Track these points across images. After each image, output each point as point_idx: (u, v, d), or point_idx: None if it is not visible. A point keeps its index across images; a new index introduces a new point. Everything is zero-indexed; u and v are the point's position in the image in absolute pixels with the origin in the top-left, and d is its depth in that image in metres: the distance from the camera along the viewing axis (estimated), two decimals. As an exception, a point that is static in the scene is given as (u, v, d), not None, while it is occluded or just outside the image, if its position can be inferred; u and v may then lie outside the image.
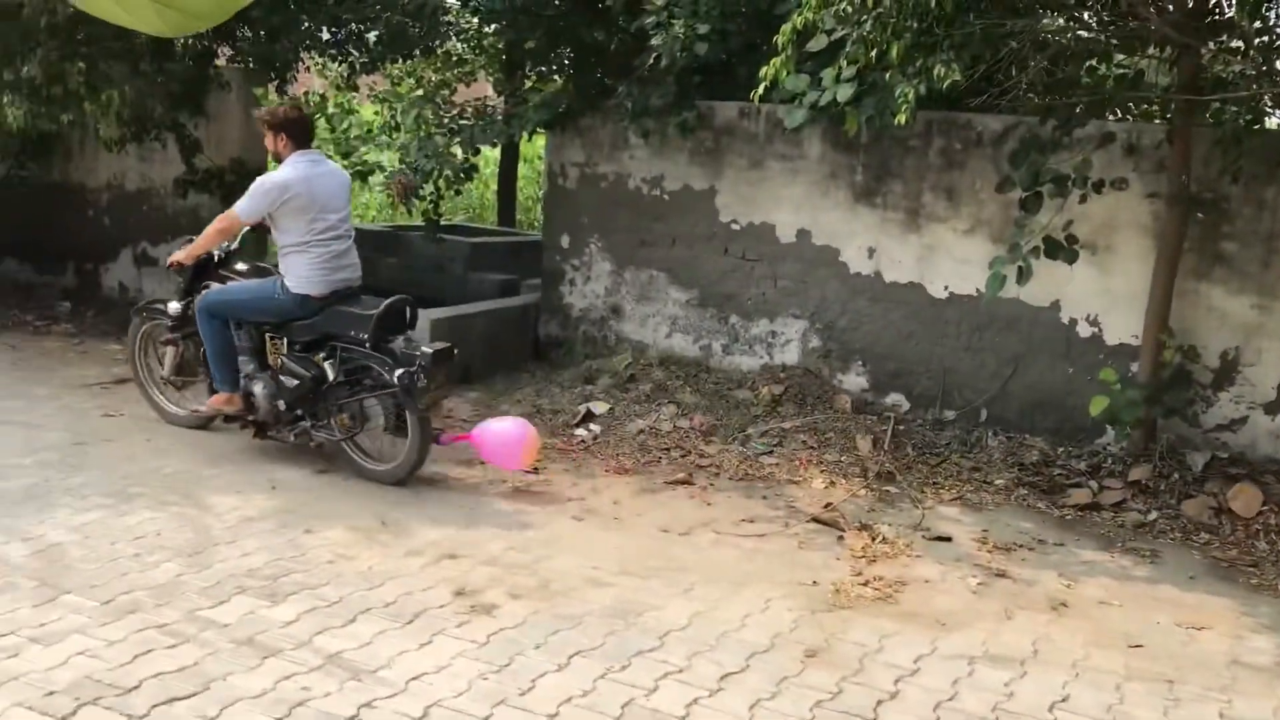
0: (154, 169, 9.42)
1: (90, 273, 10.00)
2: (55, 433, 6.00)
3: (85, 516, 4.80)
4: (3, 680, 3.39)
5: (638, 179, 7.64)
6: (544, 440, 6.34)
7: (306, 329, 5.75)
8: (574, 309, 8.02)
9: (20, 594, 4.01)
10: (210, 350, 5.86)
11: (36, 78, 6.86)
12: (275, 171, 5.78)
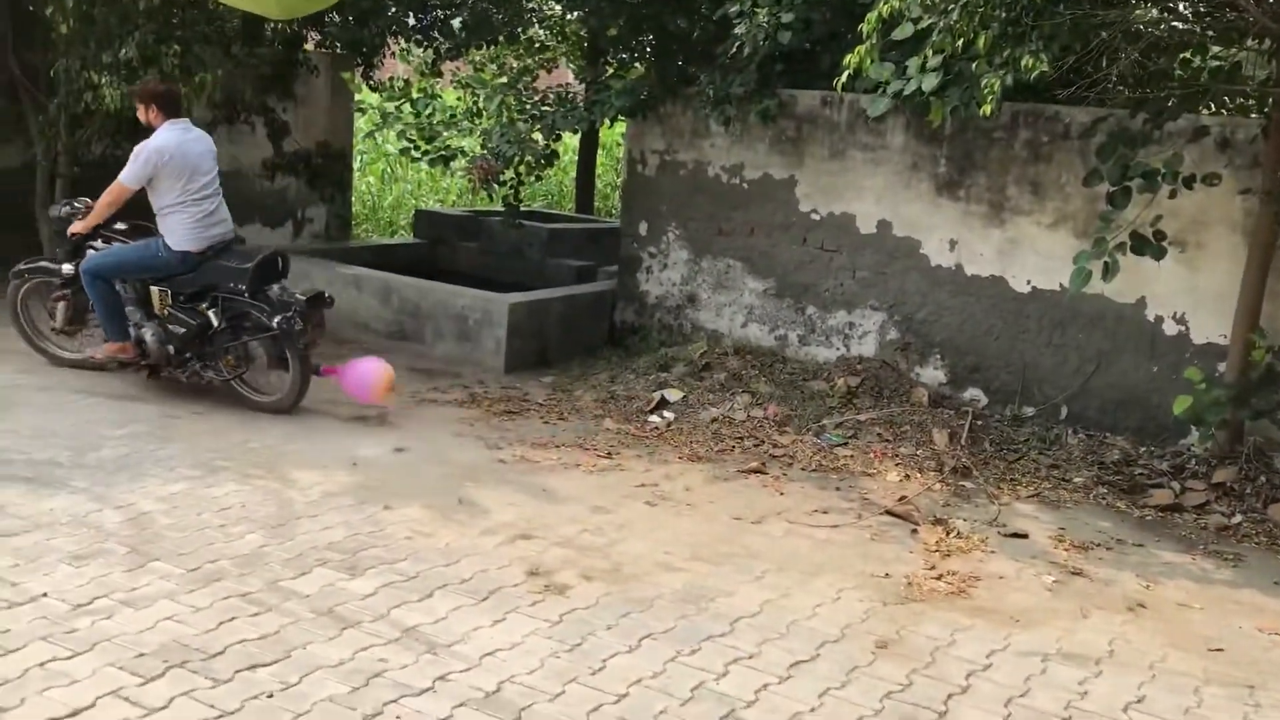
0: (243, 151, 9.63)
1: (180, 251, 10.25)
2: (147, 406, 6.18)
3: (174, 487, 4.95)
4: (97, 641, 3.52)
5: (717, 167, 7.64)
6: (618, 426, 6.41)
7: (188, 282, 6.34)
8: (650, 296, 8.05)
9: (113, 560, 4.16)
10: (100, 308, 6.39)
11: (133, 60, 7.06)
12: (151, 139, 6.30)
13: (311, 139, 9.16)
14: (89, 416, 5.89)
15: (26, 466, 5.06)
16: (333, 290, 8.10)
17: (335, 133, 9.39)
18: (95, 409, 6.04)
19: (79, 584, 3.92)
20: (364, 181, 14.78)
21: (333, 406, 6.44)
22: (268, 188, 9.47)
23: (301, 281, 8.29)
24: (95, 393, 6.34)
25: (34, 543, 4.24)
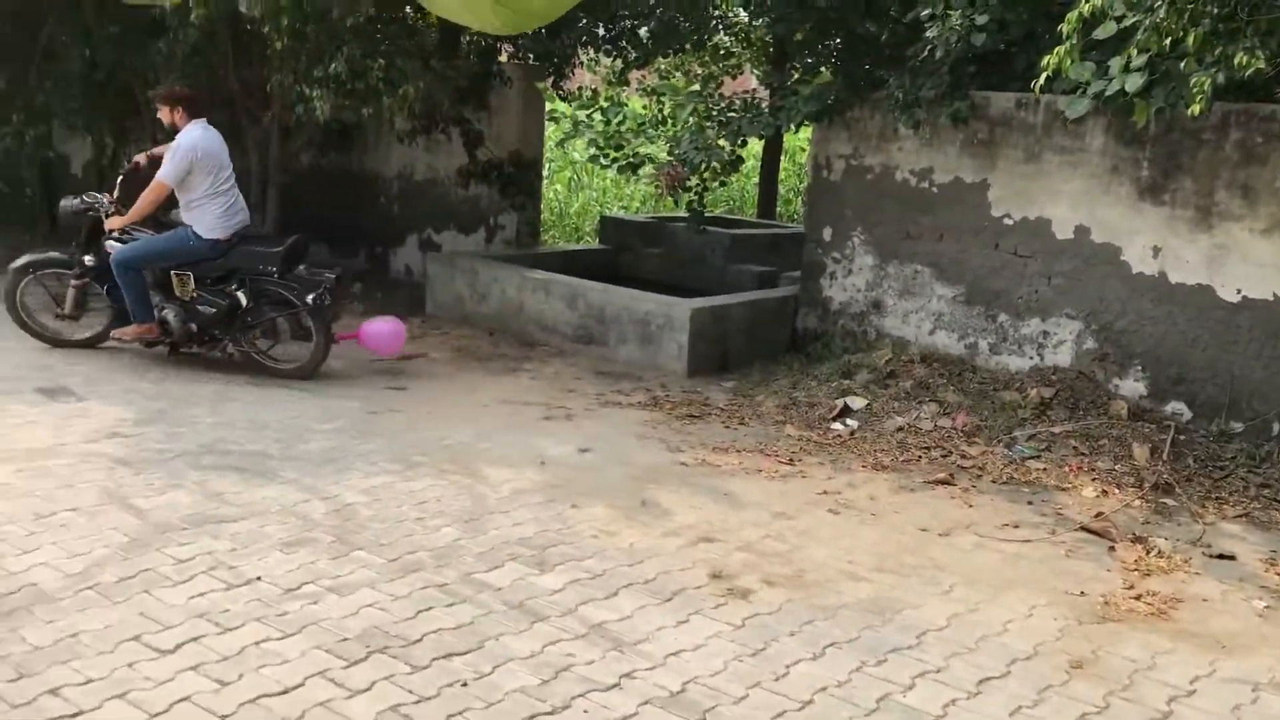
0: (439, 160, 10.02)
1: (380, 256, 10.75)
2: (349, 402, 6.50)
3: (375, 480, 5.19)
4: (305, 624, 3.73)
5: (905, 171, 7.51)
6: (800, 433, 6.38)
7: (215, 266, 6.92)
8: (834, 302, 7.98)
9: (319, 548, 4.39)
10: (130, 293, 6.88)
11: (342, 74, 7.44)
12: (184, 137, 6.79)
13: (504, 148, 9.44)
14: (296, 411, 6.24)
15: (241, 457, 5.40)
16: (522, 295, 8.37)
17: (527, 142, 9.66)
18: (301, 404, 6.39)
19: (289, 569, 4.16)
20: (551, 189, 15.15)
21: (524, 407, 6.62)
22: (462, 195, 9.82)
23: (494, 285, 8.58)
24: (299, 388, 6.71)
25: (249, 529, 4.52)
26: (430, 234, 10.35)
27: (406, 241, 10.55)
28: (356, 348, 7.43)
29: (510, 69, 9.46)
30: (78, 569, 4.07)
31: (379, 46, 7.61)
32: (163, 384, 6.61)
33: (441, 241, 10.23)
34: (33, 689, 3.25)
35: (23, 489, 4.82)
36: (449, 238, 10.20)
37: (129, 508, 4.67)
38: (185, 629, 3.65)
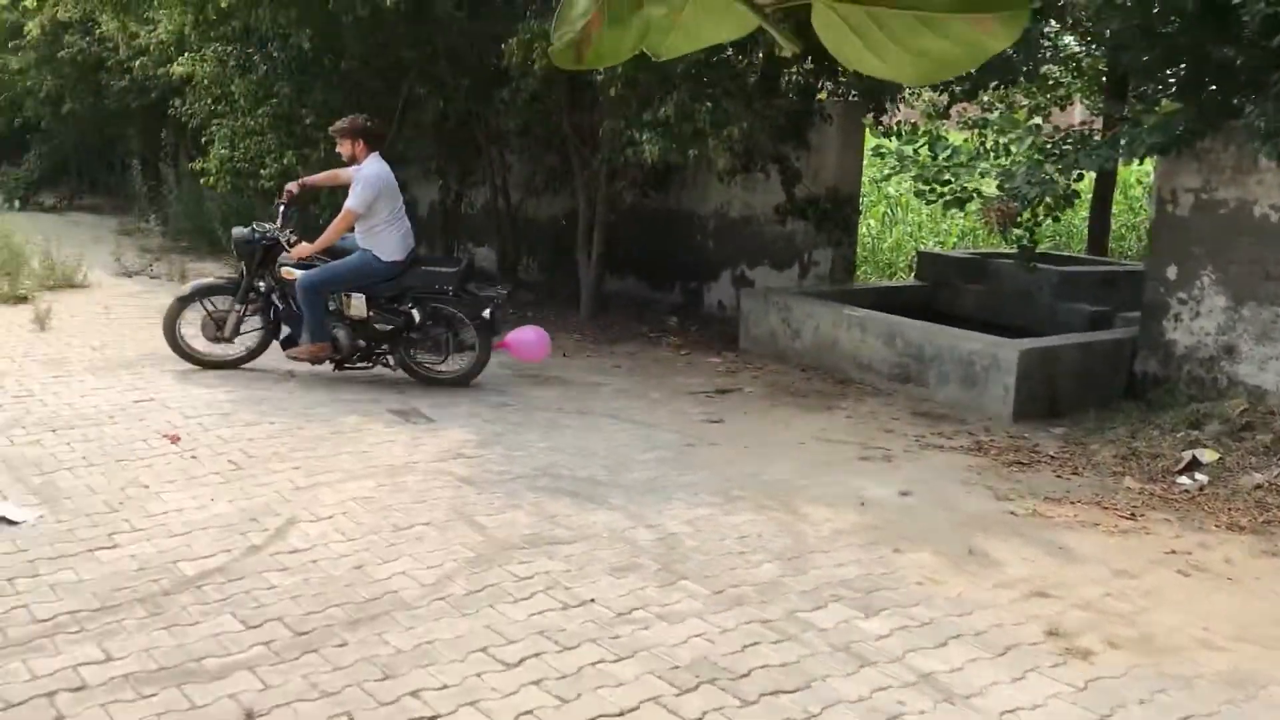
0: (756, 197, 10.15)
1: (694, 291, 11.00)
2: (669, 433, 6.67)
3: (696, 511, 5.29)
4: (637, 649, 3.85)
5: (1265, 205, 6.90)
6: (1141, 486, 5.96)
7: (390, 287, 7.42)
8: (1178, 346, 7.42)
9: (646, 574, 4.52)
10: (310, 315, 7.35)
11: (670, 117, 7.70)
12: (369, 168, 7.32)
13: (822, 184, 9.45)
14: (620, 440, 6.47)
15: (572, 482, 5.65)
16: (837, 332, 8.32)
17: (845, 178, 9.62)
18: (624, 433, 6.62)
19: (620, 594, 4.31)
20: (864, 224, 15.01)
21: (841, 445, 6.56)
22: (778, 231, 9.90)
23: (808, 321, 8.57)
24: (622, 418, 6.95)
25: (581, 552, 4.72)
26: (744, 270, 10.49)
27: (720, 277, 10.74)
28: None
29: (831, 106, 9.46)
30: (431, 580, 4.38)
31: (706, 90, 7.82)
32: (500, 410, 7.03)
33: (755, 277, 10.34)
34: (397, 690, 3.52)
35: (383, 502, 5.26)
36: (762, 273, 10.30)
37: (474, 525, 4.99)
38: (527, 644, 3.85)
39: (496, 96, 9.41)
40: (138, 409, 6.81)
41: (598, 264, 10.05)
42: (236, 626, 3.96)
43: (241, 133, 10.45)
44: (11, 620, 3.98)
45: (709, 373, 8.34)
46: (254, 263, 7.59)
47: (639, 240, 11.14)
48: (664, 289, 11.33)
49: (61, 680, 3.56)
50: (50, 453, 5.93)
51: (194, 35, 10.18)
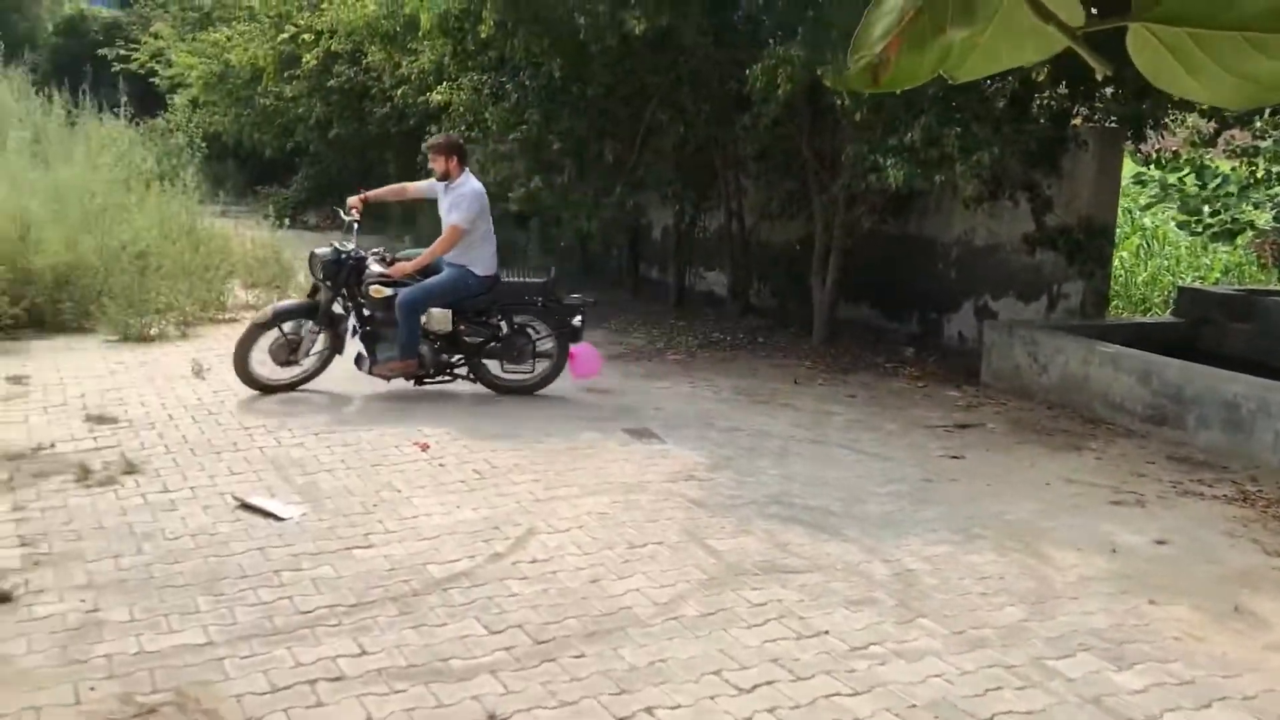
0: (1002, 226, 9.80)
1: (933, 322, 10.71)
2: (905, 467, 6.51)
3: (935, 549, 5.14)
4: (873, 685, 3.76)
5: None
6: None
7: (481, 301, 7.59)
8: None
9: (883, 610, 4.42)
10: (408, 332, 7.39)
11: (917, 143, 7.55)
12: (470, 185, 7.51)
13: (1074, 213, 9.03)
14: (855, 472, 6.35)
15: (804, 511, 5.59)
16: (1087, 368, 7.93)
17: (1100, 207, 9.16)
18: (861, 465, 6.50)
19: (855, 627, 4.22)
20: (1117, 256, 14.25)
21: (1090, 488, 6.24)
22: (1025, 262, 9.53)
23: (1056, 356, 8.21)
24: (857, 449, 6.82)
25: (815, 582, 4.66)
26: (987, 301, 10.14)
27: (961, 308, 10.42)
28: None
29: (1086, 131, 9.05)
30: (664, 599, 4.42)
31: (954, 114, 7.63)
32: (731, 435, 7.04)
33: (999, 309, 9.98)
34: (632, 705, 3.57)
35: (617, 519, 5.36)
36: (1007, 305, 9.93)
37: (706, 547, 5.01)
38: (760, 671, 3.83)
39: (737, 121, 9.49)
40: (391, 417, 7.20)
41: (832, 290, 9.94)
42: (480, 630, 4.11)
43: (492, 158, 10.92)
44: (278, 610, 4.26)
45: (948, 406, 8.10)
46: (339, 282, 7.52)
47: (875, 267, 10.95)
48: (900, 318, 11.08)
49: (321, 670, 3.79)
50: (313, 454, 6.34)
51: (452, 65, 10.73)
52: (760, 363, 9.43)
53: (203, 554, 4.81)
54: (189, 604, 4.29)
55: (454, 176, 7.57)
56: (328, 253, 7.54)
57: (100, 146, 12.82)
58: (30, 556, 4.72)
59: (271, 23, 16.58)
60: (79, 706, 3.50)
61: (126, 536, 4.99)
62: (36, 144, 12.29)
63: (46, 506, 5.36)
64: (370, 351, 7.61)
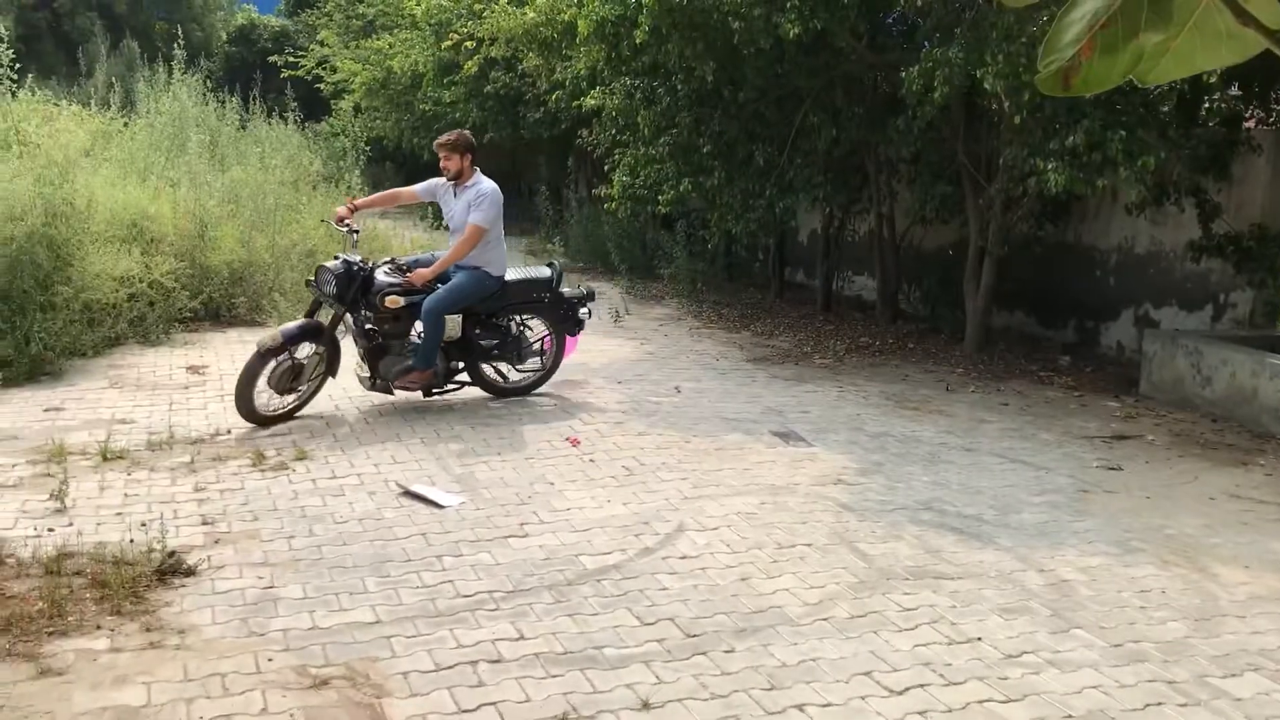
0: (1165, 232, 9.48)
1: (1090, 330, 10.41)
2: (1060, 477, 6.37)
3: (1091, 560, 5.02)
4: (1027, 693, 3.72)
5: None
6: None
7: (490, 302, 7.32)
8: None
9: (1037, 619, 4.35)
10: (431, 340, 7.01)
11: (1079, 146, 7.36)
12: (487, 184, 7.18)
13: (1245, 220, 8.66)
14: (1008, 480, 6.25)
15: (956, 519, 5.53)
16: (1256, 381, 7.62)
17: (1273, 213, 8.75)
18: (1014, 474, 6.38)
19: (1008, 635, 4.18)
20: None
21: (1259, 505, 6.00)
22: (1189, 270, 9.19)
23: (1222, 368, 7.90)
24: (1010, 458, 6.70)
25: (967, 589, 4.62)
26: (1148, 309, 9.80)
27: (1120, 316, 10.09)
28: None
29: (1260, 135, 8.67)
30: (814, 599, 4.45)
31: (1119, 117, 7.41)
32: (880, 440, 7.00)
33: (1160, 318, 9.64)
34: (782, 701, 3.62)
35: (765, 520, 5.40)
36: (1169, 314, 9.59)
37: (856, 551, 5.01)
38: (912, 674, 3.82)
39: (890, 125, 9.40)
40: (543, 412, 7.39)
41: (986, 297, 9.76)
42: (632, 621, 4.21)
43: (643, 161, 11.06)
44: (440, 594, 4.45)
45: (1105, 417, 7.87)
46: (350, 295, 6.96)
47: (1030, 274, 10.70)
48: (1055, 326, 10.80)
49: (482, 652, 3.94)
50: (469, 446, 6.56)
51: (606, 70, 10.92)
52: (910, 368, 9.33)
53: (369, 537, 5.04)
54: (357, 584, 4.51)
55: (466, 176, 7.25)
56: (338, 266, 6.96)
57: (271, 149, 13.45)
58: (211, 535, 5.03)
59: (432, 30, 17.11)
60: (259, 675, 3.73)
61: (299, 519, 5.27)
62: (212, 146, 12.97)
63: (225, 489, 5.69)
64: (373, 368, 7.12)
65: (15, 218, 8.24)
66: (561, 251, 14.65)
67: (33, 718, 3.40)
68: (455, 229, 7.28)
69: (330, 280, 6.92)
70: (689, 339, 10.45)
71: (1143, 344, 8.93)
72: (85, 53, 29.53)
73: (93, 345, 8.51)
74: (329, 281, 6.93)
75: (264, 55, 31.63)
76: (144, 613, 4.18)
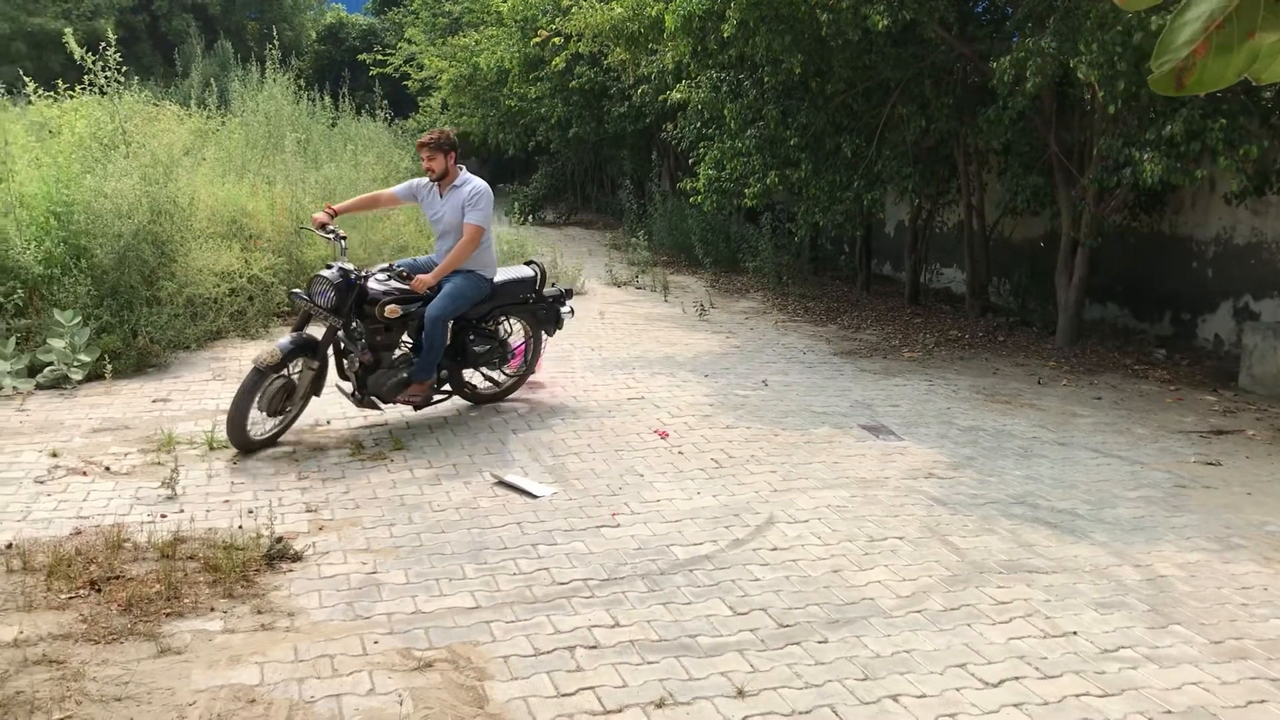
0: (1267, 223, 9.24)
1: (1186, 323, 10.19)
2: (1156, 472, 6.27)
3: (1189, 556, 4.95)
4: (1125, 688, 3.70)
5: None
6: None
7: (482, 304, 6.99)
8: None
9: (1133, 614, 4.31)
10: (434, 350, 6.63)
11: (1177, 135, 7.22)
12: (479, 181, 6.82)
13: (1351, 209, 8.44)
14: (1102, 475, 6.17)
15: (1050, 513, 5.49)
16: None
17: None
18: (1107, 468, 6.30)
19: (1104, 630, 4.15)
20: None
21: None
22: (1290, 260, 8.96)
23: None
24: (1105, 453, 6.61)
25: (1061, 583, 4.59)
26: (1248, 302, 9.56)
27: (1218, 309, 9.86)
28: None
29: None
30: (907, 592, 4.46)
31: (1220, 106, 7.26)
32: (971, 434, 6.95)
33: (1260, 310, 9.41)
34: (876, 691, 3.65)
35: (856, 513, 5.41)
36: (1271, 306, 9.34)
37: (948, 544, 5.01)
38: (1007, 667, 3.83)
39: (981, 115, 9.31)
40: (631, 405, 7.48)
41: (1078, 289, 9.61)
42: (725, 611, 4.27)
43: (729, 154, 11.09)
44: (536, 580, 4.55)
45: (1202, 411, 7.72)
46: (347, 305, 6.38)
47: (1124, 265, 10.50)
48: (1150, 318, 10.59)
49: (579, 638, 4.03)
50: (560, 438, 6.67)
51: (692, 64, 10.96)
52: (1001, 362, 9.23)
53: (466, 525, 5.17)
54: (456, 570, 4.64)
55: (451, 175, 6.83)
56: (335, 276, 6.38)
57: (363, 147, 13.74)
58: (315, 521, 5.20)
59: (518, 26, 17.31)
60: (365, 657, 3.86)
61: (398, 507, 5.42)
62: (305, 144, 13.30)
63: (326, 477, 5.88)
64: (362, 382, 6.56)
65: (123, 215, 8.56)
66: (646, 244, 14.72)
67: (155, 694, 3.57)
68: (446, 231, 6.85)
69: (327, 291, 6.35)
70: (775, 332, 10.46)
71: (1243, 337, 8.72)
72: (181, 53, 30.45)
73: (196, 338, 8.80)
74: (325, 292, 6.36)
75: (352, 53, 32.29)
76: (254, 596, 4.34)
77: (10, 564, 4.55)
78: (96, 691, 3.56)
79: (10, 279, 8.00)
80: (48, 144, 10.47)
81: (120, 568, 4.55)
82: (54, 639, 3.91)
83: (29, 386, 7.43)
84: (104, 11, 33.01)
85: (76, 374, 7.63)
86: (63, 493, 5.52)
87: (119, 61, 9.79)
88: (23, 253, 8.03)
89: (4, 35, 31.66)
